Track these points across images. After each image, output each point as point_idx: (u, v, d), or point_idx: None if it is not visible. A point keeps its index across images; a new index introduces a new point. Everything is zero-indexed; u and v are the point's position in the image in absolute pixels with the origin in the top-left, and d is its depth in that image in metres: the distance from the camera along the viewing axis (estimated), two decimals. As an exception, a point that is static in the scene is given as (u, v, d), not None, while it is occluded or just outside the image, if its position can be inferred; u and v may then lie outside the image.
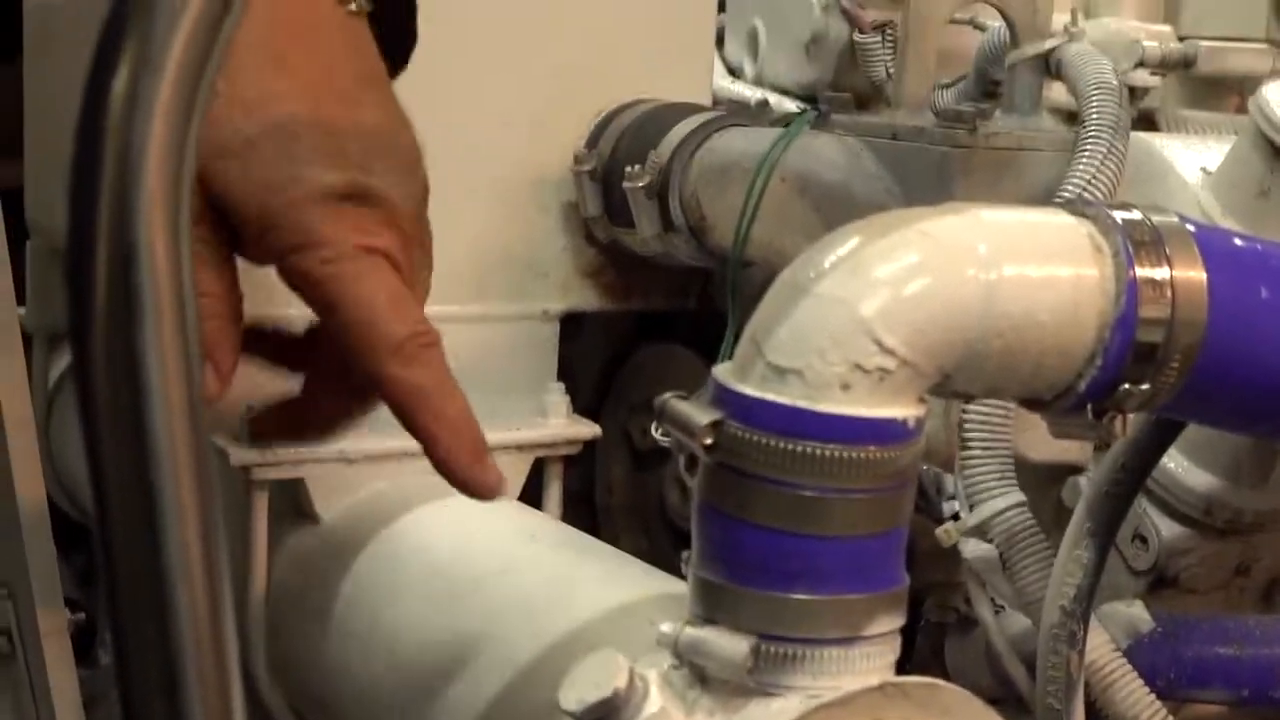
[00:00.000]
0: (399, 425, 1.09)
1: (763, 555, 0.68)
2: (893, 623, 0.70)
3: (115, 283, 0.49)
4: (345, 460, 1.06)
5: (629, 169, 1.16)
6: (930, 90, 1.12)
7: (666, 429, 0.70)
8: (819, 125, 1.10)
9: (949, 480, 1.03)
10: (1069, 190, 0.97)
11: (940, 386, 0.70)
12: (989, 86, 1.31)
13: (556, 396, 1.17)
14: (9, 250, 0.91)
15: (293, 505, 1.08)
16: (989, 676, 1.10)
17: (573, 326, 1.30)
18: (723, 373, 0.70)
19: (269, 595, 1.07)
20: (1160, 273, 0.71)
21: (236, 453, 1.02)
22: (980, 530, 1.00)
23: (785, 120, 1.13)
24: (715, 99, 1.32)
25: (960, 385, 0.71)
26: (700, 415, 0.68)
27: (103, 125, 0.50)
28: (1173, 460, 1.08)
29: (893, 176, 1.04)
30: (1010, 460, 1.02)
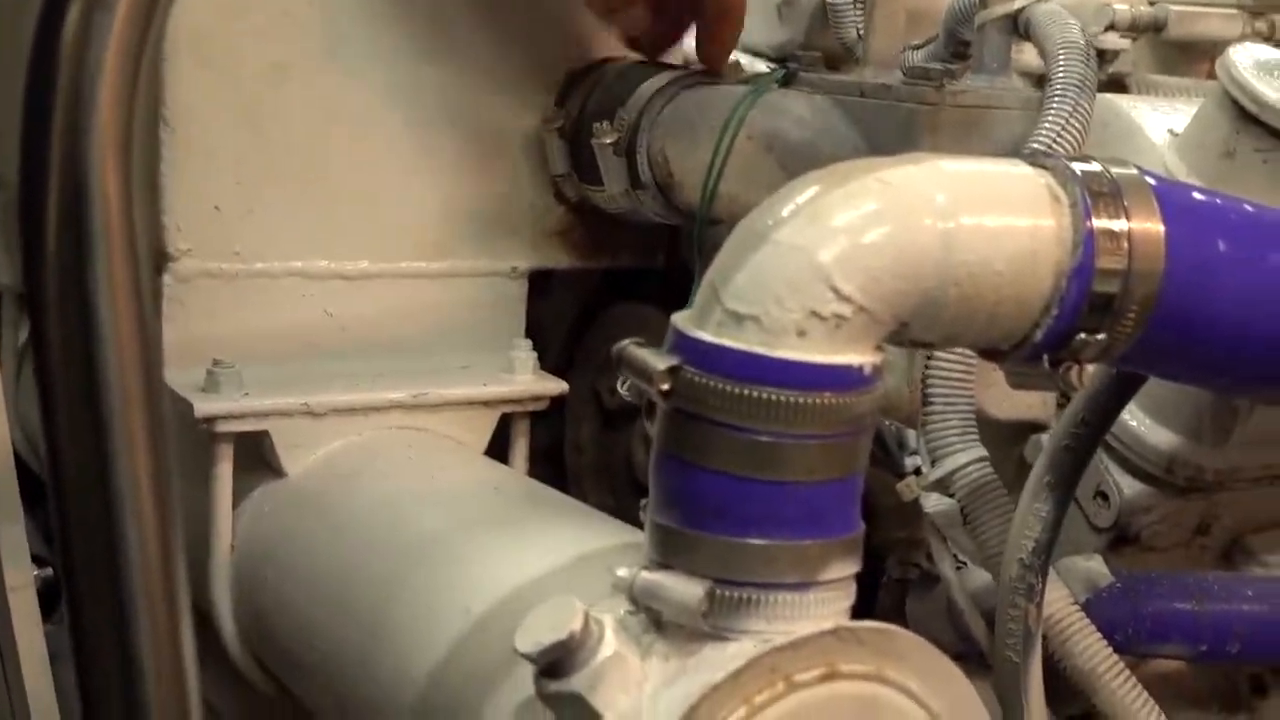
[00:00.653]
0: (365, 381, 1.10)
1: (718, 500, 0.68)
2: (848, 568, 0.70)
3: (66, 221, 0.49)
4: (311, 414, 1.06)
5: (597, 126, 1.16)
6: (899, 50, 1.12)
7: (624, 375, 0.70)
8: (787, 83, 1.10)
9: (911, 436, 1.03)
10: (1034, 147, 0.97)
11: (897, 335, 0.70)
12: (958, 47, 1.30)
13: (524, 353, 1.17)
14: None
15: (259, 459, 1.08)
16: (950, 632, 1.10)
17: (542, 285, 1.31)
18: (681, 319, 0.70)
19: (235, 549, 1.07)
20: (1118, 224, 0.72)
21: (200, 405, 1.02)
22: (942, 485, 1.01)
23: (755, 79, 1.13)
24: (688, 62, 1.32)
25: (917, 334, 0.71)
26: (657, 361, 0.68)
27: (54, 65, 0.50)
28: (1134, 418, 1.08)
29: (860, 134, 1.04)
30: (972, 416, 1.03)
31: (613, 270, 1.36)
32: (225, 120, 1.09)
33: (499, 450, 1.17)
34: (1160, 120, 1.09)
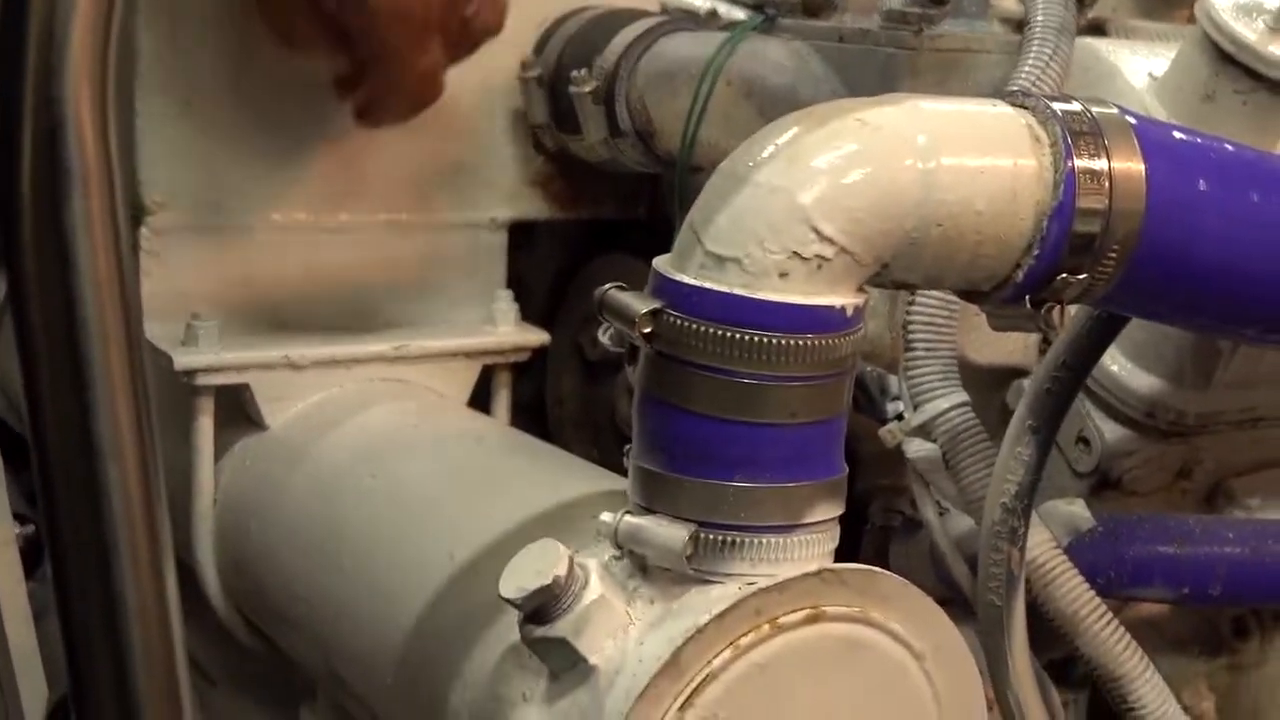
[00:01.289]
0: (345, 333, 1.10)
1: (701, 443, 0.68)
2: (831, 511, 0.70)
3: (42, 156, 0.48)
4: (291, 366, 1.06)
5: (575, 74, 1.15)
6: (878, -6, 1.12)
7: (606, 320, 0.70)
8: (766, 29, 1.10)
9: (893, 381, 1.03)
10: (1014, 88, 0.97)
11: (879, 276, 0.70)
12: (938, -8, 1.30)
13: (505, 304, 1.17)
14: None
15: (240, 412, 1.07)
16: (934, 579, 1.11)
17: (523, 238, 1.30)
18: (662, 263, 0.70)
19: (217, 503, 1.07)
20: (1098, 163, 0.71)
21: (180, 358, 1.02)
22: (924, 430, 1.01)
23: (733, 26, 1.12)
24: (665, 9, 1.31)
25: (898, 275, 0.71)
26: (639, 304, 0.68)
27: (25, 5, 0.50)
28: (1116, 363, 1.09)
29: (839, 79, 1.04)
30: (954, 361, 1.02)
31: (594, 223, 1.36)
32: (201, 71, 1.08)
33: (481, 403, 1.17)
34: (1140, 64, 1.09)
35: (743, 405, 0.67)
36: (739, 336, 0.66)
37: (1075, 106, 0.73)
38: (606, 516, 0.70)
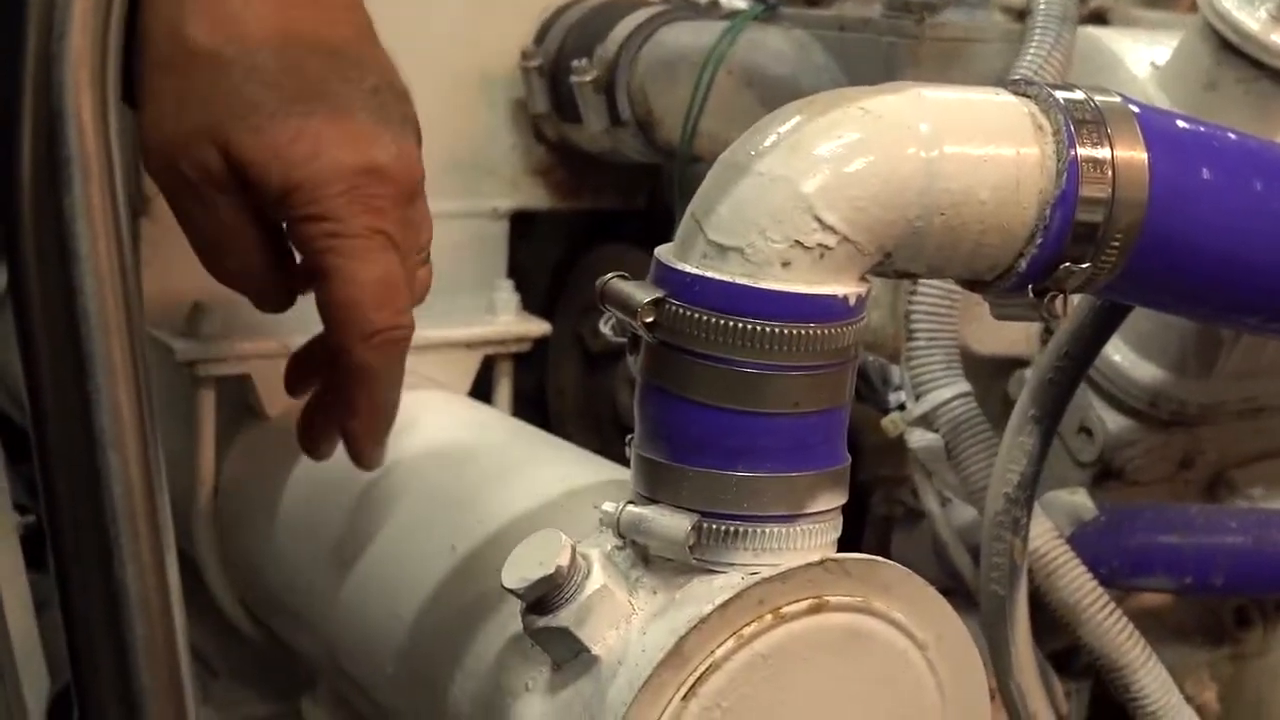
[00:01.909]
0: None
1: (704, 433, 0.68)
2: (834, 500, 0.70)
3: (41, 144, 0.48)
4: (293, 356, 1.05)
5: (576, 63, 1.15)
6: (880, -17, 1.12)
7: (608, 309, 0.70)
8: (767, 18, 1.10)
9: (895, 371, 1.03)
10: (1017, 77, 0.96)
11: (881, 265, 0.70)
12: (939, -19, 1.30)
13: (506, 294, 1.16)
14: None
15: (241, 402, 1.07)
16: (936, 569, 1.11)
17: (524, 229, 1.30)
18: (664, 252, 0.70)
19: (219, 494, 1.06)
20: (1101, 152, 0.71)
21: (182, 348, 1.01)
22: (926, 420, 1.01)
23: (734, 15, 1.12)
24: (667, -1, 1.31)
25: (901, 264, 0.70)
26: (641, 294, 0.68)
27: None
28: (1118, 353, 1.08)
29: (840, 68, 1.04)
30: (956, 351, 1.03)
31: (595, 214, 1.35)
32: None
33: (482, 394, 1.17)
34: (1142, 53, 1.09)
35: (745, 395, 0.67)
36: (741, 326, 0.66)
37: (1078, 95, 0.73)
38: (608, 506, 0.70)
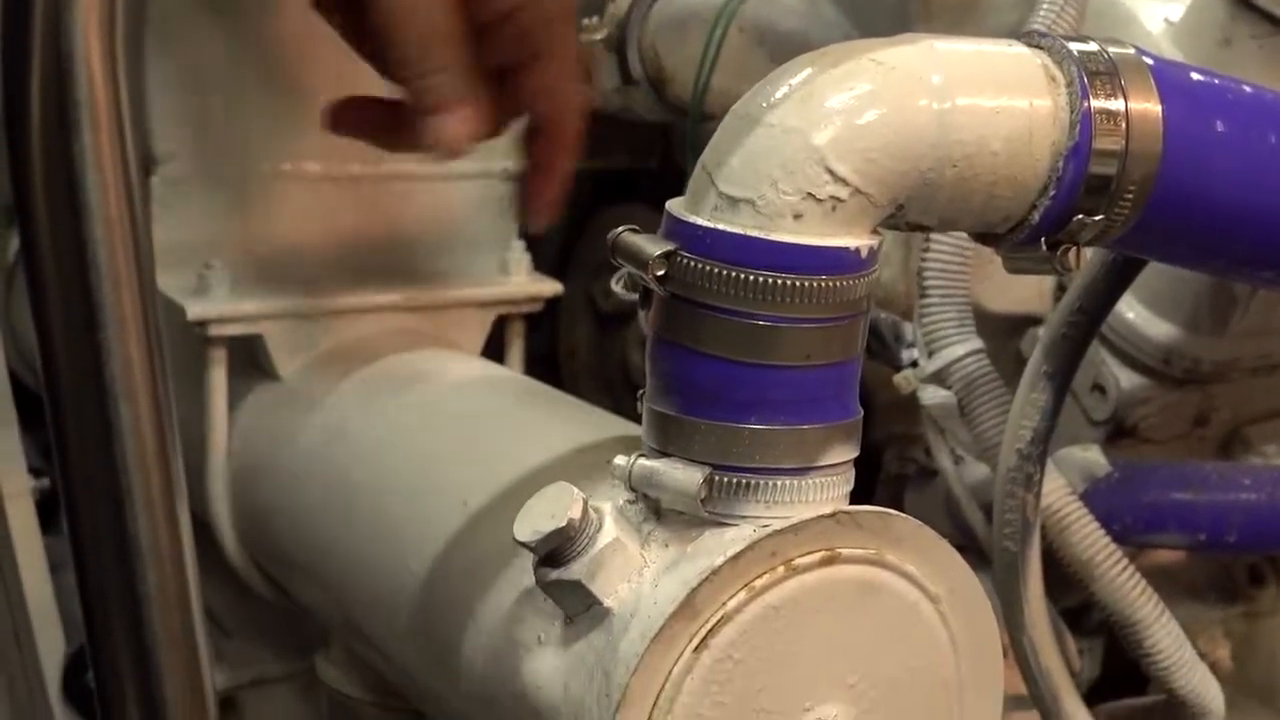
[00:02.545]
0: (359, 280, 1.10)
1: (715, 385, 0.67)
2: (846, 453, 0.70)
3: (50, 93, 0.48)
4: (304, 317, 1.05)
5: (586, 21, 1.15)
6: (892, -60, 1.11)
7: (619, 263, 0.70)
8: (778, -25, 1.09)
9: (908, 328, 1.03)
10: (1031, 30, 0.96)
11: (894, 218, 0.70)
12: (951, -63, 1.29)
13: (518, 254, 1.16)
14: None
15: (253, 363, 1.07)
16: (949, 527, 1.11)
17: (535, 190, 1.30)
18: (675, 205, 0.69)
19: (231, 454, 1.06)
20: (1115, 104, 0.71)
21: (193, 308, 1.01)
22: (939, 377, 1.01)
23: (745, -28, 1.12)
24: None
25: (913, 216, 0.70)
26: (652, 247, 0.68)
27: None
28: (1132, 310, 1.08)
29: (851, 23, 1.03)
30: (969, 308, 1.02)
31: (606, 174, 1.35)
32: (210, 19, 1.07)
33: (493, 356, 1.17)
34: (1156, 9, 1.08)
35: (757, 347, 0.67)
36: (753, 278, 0.66)
37: (1092, 47, 0.72)
38: (620, 460, 0.70)
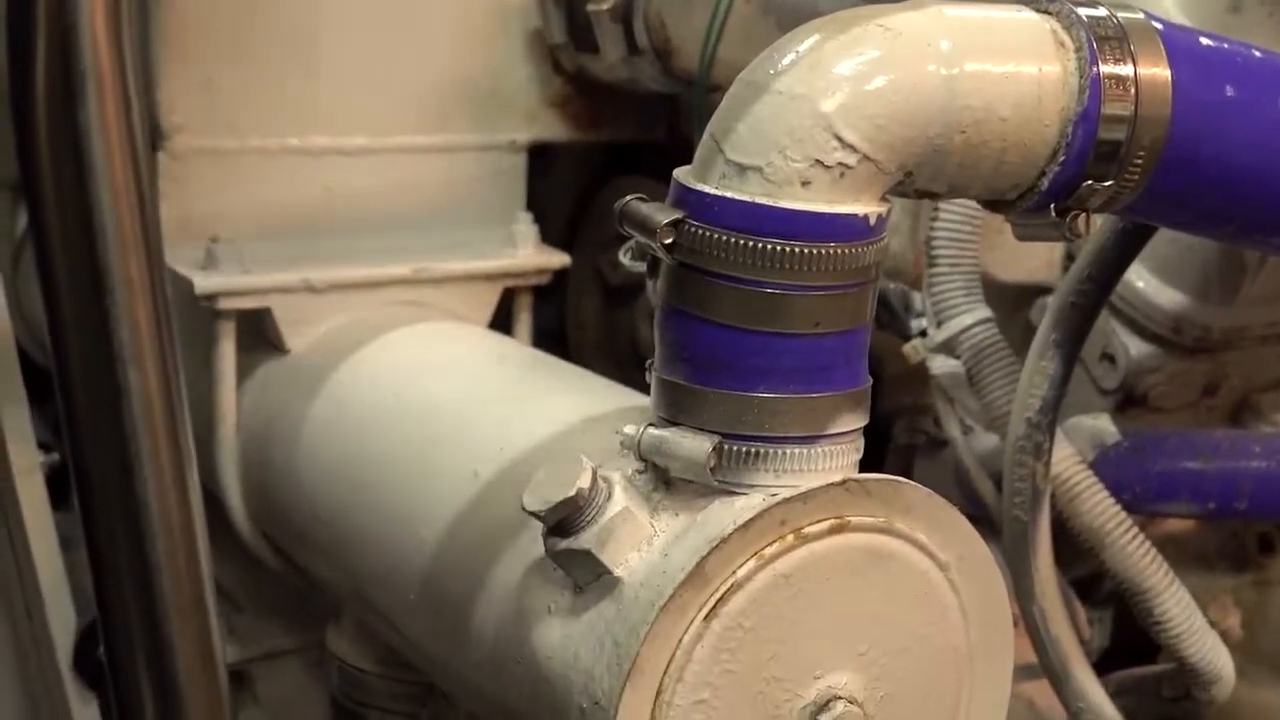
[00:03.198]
0: (365, 257, 1.10)
1: (724, 354, 0.67)
2: (855, 422, 0.70)
3: (55, 59, 0.48)
4: (312, 290, 1.05)
5: (593, -9, 1.14)
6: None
7: (626, 231, 0.69)
8: (785, -56, 1.08)
9: (916, 298, 1.03)
10: (1039, -2, 0.95)
11: (902, 184, 0.70)
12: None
13: (525, 226, 1.16)
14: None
15: (261, 337, 1.07)
16: (958, 497, 1.11)
17: (542, 163, 1.29)
18: (683, 173, 0.69)
19: (240, 428, 1.06)
20: (1124, 69, 0.70)
21: (201, 282, 1.01)
22: (948, 346, 1.01)
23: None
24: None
25: (922, 183, 0.70)
26: (660, 215, 0.67)
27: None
28: (1141, 279, 1.08)
29: (859, -8, 1.02)
30: (977, 277, 1.02)
31: (612, 146, 1.35)
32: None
33: (501, 329, 1.17)
34: (1166, -25, 1.07)
35: (765, 315, 0.67)
36: (761, 246, 0.66)
37: (1101, 12, 0.72)
38: (629, 429, 0.70)
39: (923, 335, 1.02)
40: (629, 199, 0.69)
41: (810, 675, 0.68)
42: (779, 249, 0.66)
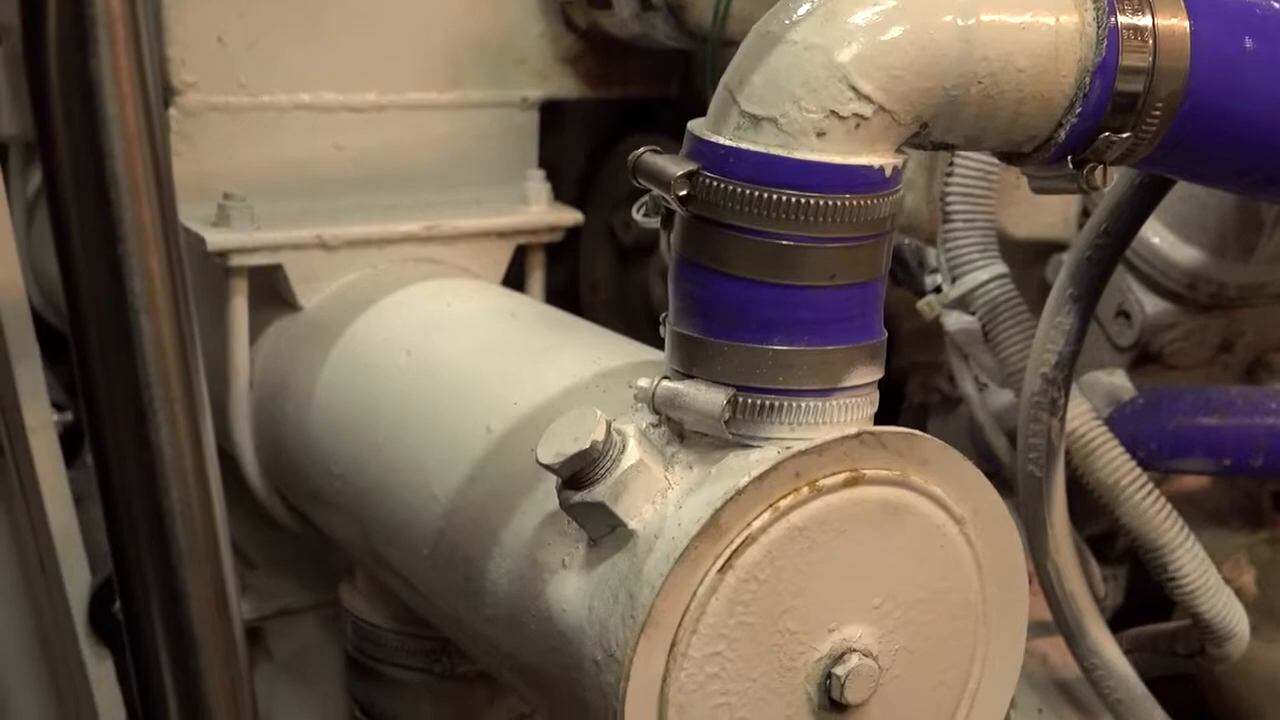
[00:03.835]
0: (377, 214, 1.09)
1: (739, 306, 0.67)
2: (870, 375, 0.69)
3: (67, 10, 0.47)
4: (324, 247, 1.05)
5: (605, -53, 1.13)
6: None
7: (641, 184, 0.69)
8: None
9: (931, 254, 1.02)
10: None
11: (918, 136, 0.69)
12: None
13: (537, 183, 1.16)
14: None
15: (273, 294, 1.07)
16: (972, 454, 1.10)
17: (555, 121, 1.29)
18: (697, 125, 0.69)
19: (253, 385, 1.06)
20: (1142, 20, 0.70)
21: (214, 239, 1.01)
22: (963, 302, 1.00)
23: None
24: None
25: (938, 135, 0.69)
26: (675, 167, 0.67)
27: None
28: (1157, 235, 1.07)
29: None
30: (993, 232, 1.02)
31: (625, 104, 1.34)
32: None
33: (513, 287, 1.16)
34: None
35: (780, 267, 0.66)
36: (776, 197, 0.65)
37: (1119, -38, 0.71)
38: (643, 382, 0.70)
39: (937, 291, 1.01)
40: (643, 151, 0.69)
41: (825, 628, 0.68)
42: (794, 200, 0.65)
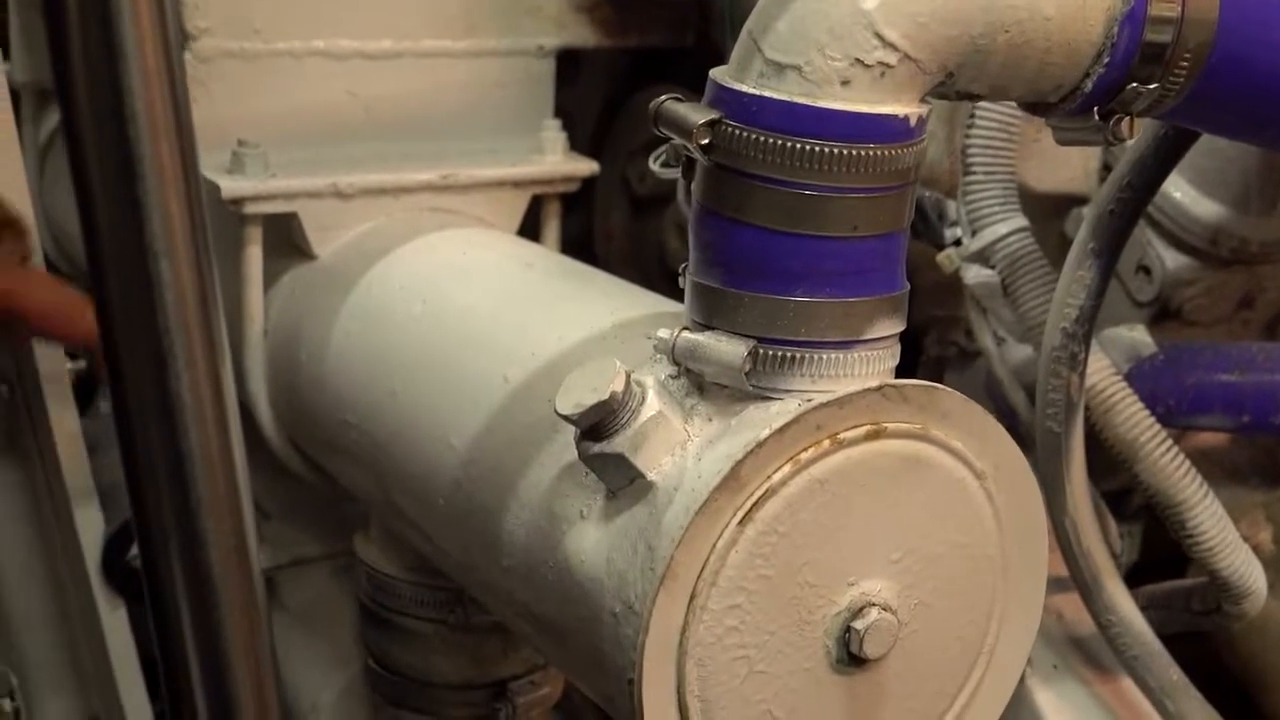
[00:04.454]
0: (392, 162, 1.09)
1: (761, 257, 0.66)
2: (892, 327, 0.69)
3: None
4: (339, 195, 1.04)
5: (622, -106, 1.12)
6: None
7: (661, 132, 0.68)
8: None
9: (951, 206, 1.02)
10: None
11: (943, 85, 0.68)
12: None
13: (553, 133, 1.15)
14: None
15: (288, 242, 1.06)
16: (990, 409, 1.09)
17: (570, 71, 1.28)
18: (720, 73, 0.68)
19: (268, 335, 1.06)
20: (1171, -31, 0.69)
21: (228, 186, 1.00)
22: (982, 256, 0.99)
23: None
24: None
25: (964, 84, 0.69)
26: (696, 115, 0.66)
27: None
28: (1179, 190, 1.07)
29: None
30: (1014, 185, 1.01)
31: (640, 54, 1.33)
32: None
33: (529, 238, 1.16)
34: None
35: (803, 218, 0.66)
36: (799, 146, 0.65)
37: (1149, -90, 0.70)
38: (663, 333, 0.69)
39: (957, 244, 1.01)
40: (664, 98, 0.68)
41: (844, 581, 0.68)
42: (817, 150, 0.65)
